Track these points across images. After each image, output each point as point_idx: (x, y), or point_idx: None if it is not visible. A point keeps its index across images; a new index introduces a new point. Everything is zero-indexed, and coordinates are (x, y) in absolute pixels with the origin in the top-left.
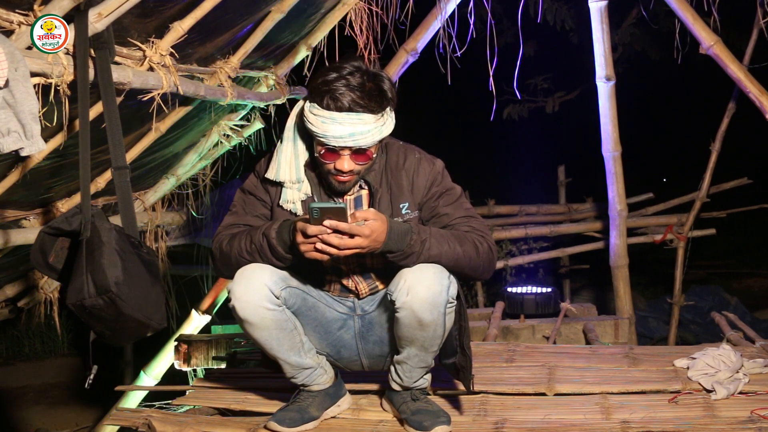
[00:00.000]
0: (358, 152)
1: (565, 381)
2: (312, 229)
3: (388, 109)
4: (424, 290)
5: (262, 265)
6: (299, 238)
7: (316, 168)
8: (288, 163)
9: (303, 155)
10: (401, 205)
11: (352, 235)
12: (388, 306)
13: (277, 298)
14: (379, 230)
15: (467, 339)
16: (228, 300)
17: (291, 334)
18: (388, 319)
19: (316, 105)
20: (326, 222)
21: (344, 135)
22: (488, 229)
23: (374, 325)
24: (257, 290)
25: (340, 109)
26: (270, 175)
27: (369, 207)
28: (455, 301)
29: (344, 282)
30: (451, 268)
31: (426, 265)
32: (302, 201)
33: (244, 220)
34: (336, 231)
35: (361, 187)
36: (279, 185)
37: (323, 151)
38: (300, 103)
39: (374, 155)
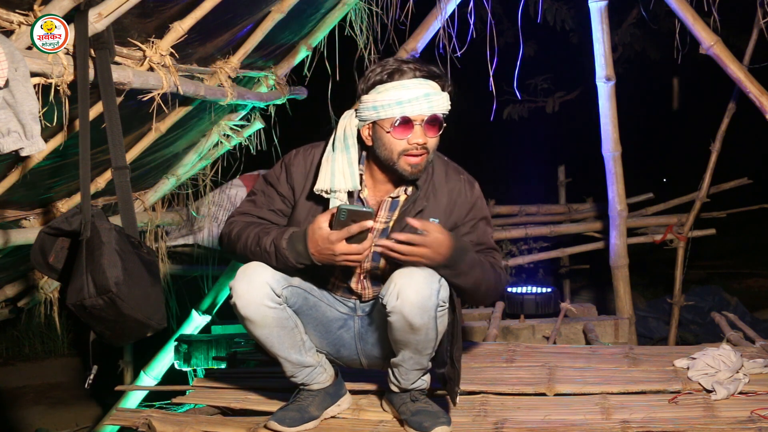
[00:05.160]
0: (430, 123)
1: (565, 381)
2: (359, 246)
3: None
4: (414, 294)
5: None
6: (340, 247)
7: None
8: (342, 172)
9: (355, 163)
10: (431, 220)
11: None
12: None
13: (279, 297)
14: (445, 244)
15: (458, 351)
16: (230, 297)
17: (292, 332)
18: (384, 321)
19: (379, 87)
20: (399, 235)
21: (419, 96)
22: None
23: (373, 327)
24: (259, 288)
25: (408, 77)
26: (322, 185)
27: (400, 212)
28: (446, 305)
29: (351, 285)
30: (470, 290)
31: (416, 268)
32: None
33: (260, 212)
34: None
35: (405, 192)
36: (316, 193)
37: (396, 123)
38: (347, 113)
39: (442, 129)
